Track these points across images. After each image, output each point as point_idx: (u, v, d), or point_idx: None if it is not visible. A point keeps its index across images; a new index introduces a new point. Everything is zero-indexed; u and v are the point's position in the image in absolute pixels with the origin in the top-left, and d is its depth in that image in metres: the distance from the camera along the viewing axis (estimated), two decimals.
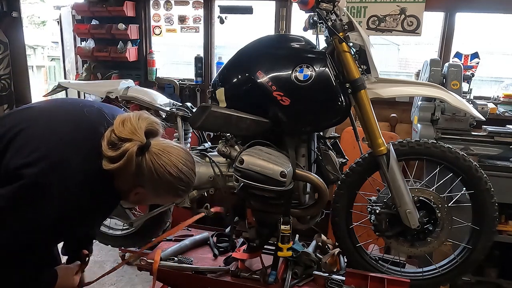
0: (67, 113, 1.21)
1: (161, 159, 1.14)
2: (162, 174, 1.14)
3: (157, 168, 1.13)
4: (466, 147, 2.55)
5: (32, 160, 1.03)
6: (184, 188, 1.21)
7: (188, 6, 3.64)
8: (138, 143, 1.11)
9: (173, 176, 1.16)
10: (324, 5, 1.64)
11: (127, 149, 1.09)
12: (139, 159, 1.11)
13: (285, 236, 1.66)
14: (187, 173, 1.19)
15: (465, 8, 3.06)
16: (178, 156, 1.17)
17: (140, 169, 1.12)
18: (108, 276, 3.04)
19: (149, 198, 1.25)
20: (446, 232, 1.75)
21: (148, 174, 1.13)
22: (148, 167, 1.12)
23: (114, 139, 1.11)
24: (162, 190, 1.19)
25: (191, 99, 3.68)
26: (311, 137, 1.77)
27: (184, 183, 1.20)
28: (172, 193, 1.21)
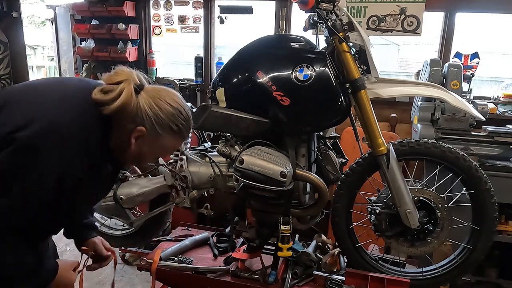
0: (51, 83, 1.23)
1: (158, 93, 1.16)
2: (161, 105, 1.15)
3: (156, 101, 1.14)
4: (466, 147, 2.55)
5: (23, 123, 1.02)
6: (184, 123, 1.20)
7: (188, 6, 3.64)
8: (133, 82, 1.13)
9: (172, 107, 1.16)
10: (324, 5, 1.64)
11: (123, 87, 1.10)
12: (137, 98, 1.12)
13: (285, 236, 1.66)
14: (185, 107, 1.20)
15: (465, 8, 3.06)
16: (173, 93, 1.20)
17: (139, 106, 1.12)
18: (108, 276, 3.06)
19: (150, 143, 1.19)
20: (446, 232, 1.75)
21: (148, 109, 1.13)
22: (146, 102, 1.13)
23: (108, 87, 1.13)
24: (163, 126, 1.16)
25: (191, 99, 3.68)
26: (311, 137, 1.77)
27: (183, 117, 1.19)
28: (174, 129, 1.18)
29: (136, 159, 1.25)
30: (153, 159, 1.29)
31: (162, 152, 1.28)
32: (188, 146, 2.13)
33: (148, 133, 1.15)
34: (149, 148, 1.20)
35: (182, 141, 1.28)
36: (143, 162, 1.33)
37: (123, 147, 1.18)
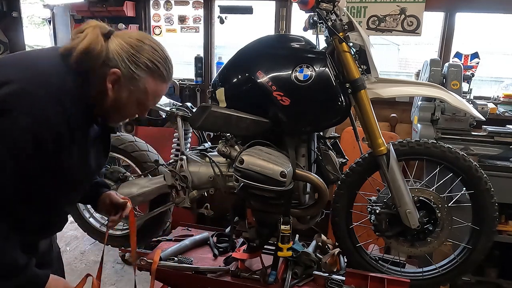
0: (29, 51, 1.22)
1: (128, 33, 1.13)
2: (132, 42, 1.10)
3: (126, 40, 1.10)
4: (466, 147, 2.55)
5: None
6: (161, 60, 1.14)
7: (188, 6, 3.65)
8: (100, 28, 1.10)
9: (144, 43, 1.12)
10: (324, 5, 1.64)
11: (88, 31, 1.08)
12: (106, 42, 1.09)
13: (285, 236, 1.66)
14: (160, 46, 1.16)
15: (465, 8, 3.06)
16: (145, 34, 1.17)
17: (109, 49, 1.09)
18: (108, 276, 3.07)
19: (128, 86, 1.11)
20: (446, 232, 1.75)
21: (119, 49, 1.09)
22: (117, 43, 1.10)
23: (74, 36, 1.10)
24: (137, 64, 1.10)
25: (191, 99, 3.68)
26: (311, 137, 1.77)
27: (159, 54, 1.14)
28: (150, 67, 1.12)
29: (117, 109, 1.15)
30: (138, 109, 1.19)
31: (145, 98, 1.16)
32: (188, 146, 2.13)
33: (123, 75, 1.10)
34: (128, 92, 1.12)
35: (163, 83, 1.18)
36: (127, 112, 1.17)
37: (102, 98, 1.12)
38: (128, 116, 1.21)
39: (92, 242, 3.42)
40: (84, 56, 1.06)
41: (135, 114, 1.21)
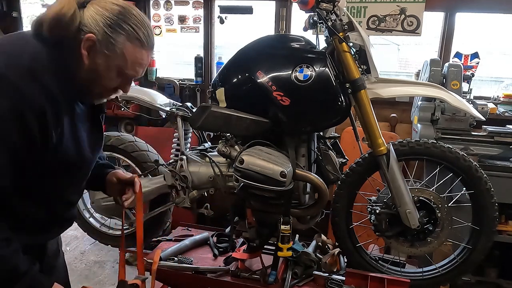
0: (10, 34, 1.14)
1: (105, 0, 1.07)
2: (107, 6, 1.05)
3: (100, 4, 1.05)
4: (466, 147, 2.55)
5: None
6: (138, 24, 1.08)
7: (188, 6, 3.65)
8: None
9: (120, 6, 1.07)
10: (324, 5, 1.64)
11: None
12: (81, 11, 1.04)
13: (285, 236, 1.66)
14: (137, 10, 1.10)
15: (465, 8, 3.06)
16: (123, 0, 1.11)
17: (83, 16, 1.04)
18: (108, 276, 3.07)
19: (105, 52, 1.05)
20: (446, 232, 1.75)
21: (93, 14, 1.04)
22: (91, 9, 1.04)
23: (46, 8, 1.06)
24: (112, 27, 1.05)
25: (191, 99, 3.68)
26: (311, 137, 1.77)
27: (136, 18, 1.08)
28: (127, 30, 1.06)
29: (96, 79, 1.08)
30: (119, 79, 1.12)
31: (124, 65, 1.09)
32: (188, 146, 2.14)
33: (99, 41, 1.04)
34: (105, 59, 1.06)
35: (142, 49, 1.10)
36: (106, 82, 1.10)
37: (79, 67, 1.06)
38: (108, 88, 1.13)
39: (92, 242, 3.42)
40: (55, 23, 1.01)
41: (116, 85, 1.13)
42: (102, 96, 1.17)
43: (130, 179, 1.38)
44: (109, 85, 1.12)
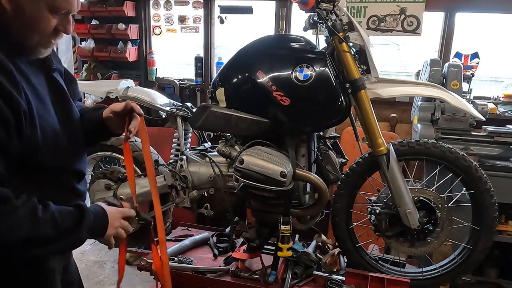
0: None
1: None
2: None
3: None
4: (466, 147, 2.55)
5: None
6: None
7: (188, 6, 3.65)
8: None
9: None
10: (324, 5, 1.64)
11: None
12: None
13: (285, 236, 1.66)
14: None
15: (465, 8, 3.06)
16: None
17: None
18: (107, 276, 3.07)
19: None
20: (446, 232, 1.75)
21: None
22: None
23: None
24: None
25: (191, 99, 3.68)
26: (311, 137, 1.77)
27: None
28: None
29: (28, 23, 0.97)
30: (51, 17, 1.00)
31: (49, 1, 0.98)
32: (188, 146, 2.14)
33: None
34: None
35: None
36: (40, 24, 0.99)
37: (5, 18, 0.96)
38: (47, 32, 1.02)
39: (92, 242, 3.42)
40: None
41: (53, 26, 1.02)
42: (44, 44, 1.04)
43: (127, 108, 1.25)
44: (46, 28, 1.00)
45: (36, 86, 1.04)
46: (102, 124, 1.28)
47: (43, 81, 1.09)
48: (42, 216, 0.97)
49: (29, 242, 0.96)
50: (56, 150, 1.08)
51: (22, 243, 0.95)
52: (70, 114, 1.16)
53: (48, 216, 0.98)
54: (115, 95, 2.16)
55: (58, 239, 1.00)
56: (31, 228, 0.95)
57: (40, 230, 0.97)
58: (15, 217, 0.93)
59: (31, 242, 0.96)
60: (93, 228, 1.08)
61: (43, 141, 1.03)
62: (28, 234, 0.95)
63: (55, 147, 1.07)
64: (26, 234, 0.94)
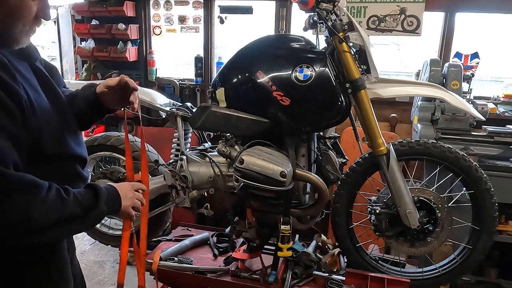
0: None
1: None
2: None
3: None
4: (466, 147, 2.55)
5: None
6: None
7: (188, 6, 3.65)
8: None
9: None
10: (324, 5, 1.64)
11: None
12: None
13: (285, 236, 1.66)
14: None
15: (465, 8, 3.06)
16: None
17: None
18: (108, 276, 3.07)
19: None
20: (446, 232, 1.75)
21: None
22: None
23: None
24: None
25: (191, 99, 3.68)
26: (311, 137, 1.77)
27: None
28: None
29: (8, 10, 0.98)
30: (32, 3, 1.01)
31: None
32: (188, 146, 2.13)
33: None
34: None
35: None
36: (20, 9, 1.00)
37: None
38: (28, 19, 1.03)
39: (92, 242, 3.42)
40: None
41: (33, 11, 1.03)
42: (26, 32, 1.05)
43: (121, 82, 1.26)
44: (28, 15, 1.02)
45: (26, 76, 1.05)
46: (96, 101, 1.28)
47: (29, 71, 1.10)
48: (67, 197, 1.01)
49: (61, 225, 1.00)
50: (55, 137, 1.10)
51: (54, 227, 0.98)
52: (59, 100, 1.17)
53: (72, 198, 1.03)
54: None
55: (84, 216, 1.05)
56: (61, 210, 0.99)
57: (68, 211, 1.01)
58: (47, 203, 0.96)
59: (62, 224, 1.00)
60: (110, 201, 1.13)
61: (44, 129, 1.05)
62: (60, 217, 0.99)
63: (54, 134, 1.09)
64: (58, 217, 0.98)
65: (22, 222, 0.92)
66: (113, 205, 1.16)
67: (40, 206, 0.95)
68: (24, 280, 1.09)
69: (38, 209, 0.94)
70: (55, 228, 0.99)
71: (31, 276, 1.10)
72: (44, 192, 0.96)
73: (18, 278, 1.08)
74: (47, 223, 0.96)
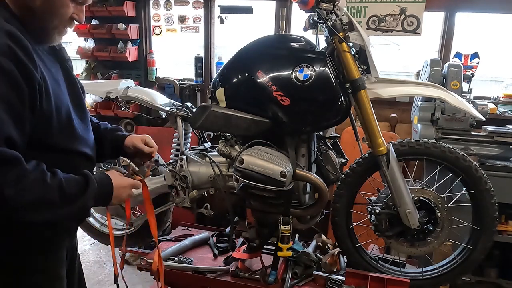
0: None
1: None
2: None
3: None
4: (466, 147, 2.55)
5: None
6: None
7: (188, 6, 3.64)
8: None
9: None
10: (324, 5, 1.64)
11: None
12: None
13: (285, 236, 1.66)
14: None
15: (465, 8, 3.06)
16: None
17: None
18: (108, 276, 3.07)
19: None
20: (446, 232, 1.75)
21: None
22: None
23: None
24: None
25: (191, 99, 3.68)
26: (311, 137, 1.77)
27: None
28: None
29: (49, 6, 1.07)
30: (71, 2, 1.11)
31: None
32: (188, 146, 2.13)
33: None
34: None
35: None
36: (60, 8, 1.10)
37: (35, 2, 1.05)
38: (64, 19, 1.11)
39: (92, 242, 3.42)
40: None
41: (70, 12, 1.12)
42: (59, 30, 1.14)
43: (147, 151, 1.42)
44: (65, 14, 1.11)
45: (51, 70, 1.11)
46: (120, 150, 1.42)
47: (58, 69, 1.17)
48: (50, 182, 1.02)
49: (36, 207, 1.00)
50: (69, 132, 1.14)
51: (29, 207, 0.99)
52: (81, 102, 1.23)
53: (56, 183, 1.03)
54: (115, 95, 2.16)
55: (63, 205, 1.04)
56: (39, 193, 0.99)
57: (47, 196, 1.01)
58: (26, 181, 0.97)
59: (37, 206, 1.00)
60: (98, 196, 1.13)
61: (58, 121, 1.08)
62: (36, 198, 0.99)
63: (68, 129, 1.13)
64: (34, 198, 0.98)
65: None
66: (101, 201, 1.16)
67: (16, 182, 0.95)
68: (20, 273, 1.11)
69: (14, 185, 0.94)
70: (34, 209, 0.99)
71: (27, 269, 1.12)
72: (24, 170, 0.97)
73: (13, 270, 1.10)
74: (23, 201, 0.96)
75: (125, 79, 2.29)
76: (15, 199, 0.94)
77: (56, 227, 1.16)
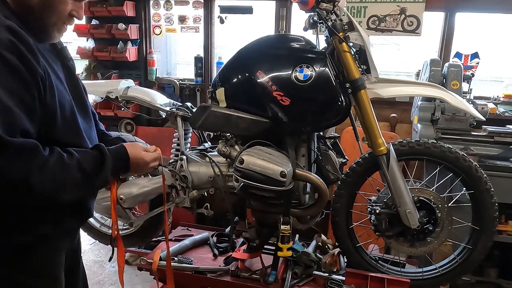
0: None
1: None
2: None
3: None
4: (466, 147, 2.55)
5: None
6: None
7: (188, 6, 3.64)
8: None
9: None
10: (324, 5, 1.64)
11: None
12: None
13: (285, 236, 1.66)
14: None
15: (465, 8, 3.06)
16: None
17: None
18: (107, 276, 3.07)
19: None
20: (446, 232, 1.75)
21: None
22: None
23: None
24: None
25: (191, 99, 3.68)
26: (311, 137, 1.77)
27: None
28: None
29: (47, 3, 1.08)
30: (69, 1, 1.12)
31: None
32: (188, 146, 2.13)
33: None
34: None
35: None
36: (60, 4, 1.10)
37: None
38: (63, 15, 1.12)
39: (92, 242, 3.42)
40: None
41: (68, 9, 1.12)
42: (58, 27, 1.14)
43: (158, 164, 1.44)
44: (63, 10, 1.11)
45: (53, 67, 1.11)
46: None
47: (60, 67, 1.17)
48: (70, 162, 1.05)
49: (61, 188, 1.03)
50: (73, 129, 1.15)
51: (55, 190, 1.02)
52: (85, 102, 1.25)
53: (75, 162, 1.06)
54: (115, 95, 2.16)
55: (85, 182, 1.09)
56: (61, 176, 1.02)
57: (69, 176, 1.04)
58: (47, 166, 0.99)
59: (62, 188, 1.04)
60: (115, 168, 1.19)
61: (61, 117, 1.09)
62: (60, 181, 1.02)
63: (72, 126, 1.14)
64: (59, 182, 1.02)
65: (21, 187, 0.95)
66: (120, 171, 1.24)
67: (39, 171, 0.97)
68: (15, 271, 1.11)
69: (38, 174, 0.97)
70: (58, 192, 1.03)
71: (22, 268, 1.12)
72: (44, 157, 0.99)
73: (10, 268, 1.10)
74: (48, 187, 0.99)
75: (125, 79, 2.29)
76: (41, 185, 0.97)
77: (56, 228, 1.16)
